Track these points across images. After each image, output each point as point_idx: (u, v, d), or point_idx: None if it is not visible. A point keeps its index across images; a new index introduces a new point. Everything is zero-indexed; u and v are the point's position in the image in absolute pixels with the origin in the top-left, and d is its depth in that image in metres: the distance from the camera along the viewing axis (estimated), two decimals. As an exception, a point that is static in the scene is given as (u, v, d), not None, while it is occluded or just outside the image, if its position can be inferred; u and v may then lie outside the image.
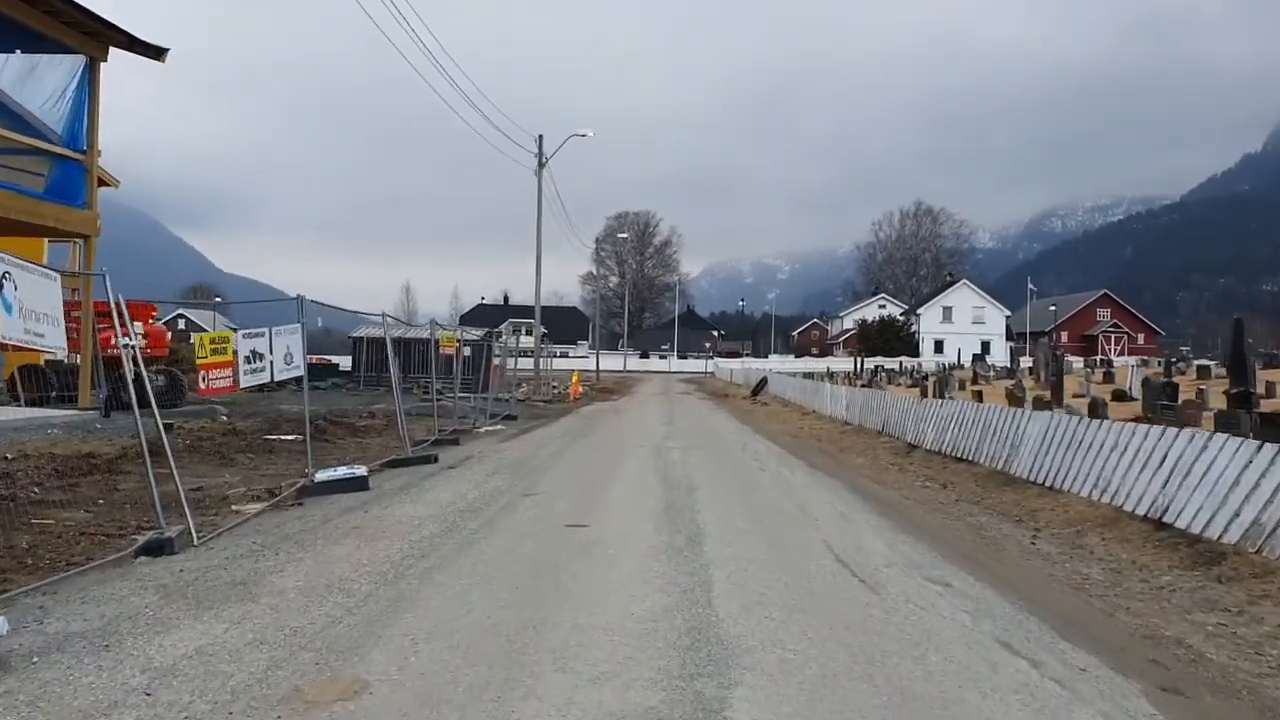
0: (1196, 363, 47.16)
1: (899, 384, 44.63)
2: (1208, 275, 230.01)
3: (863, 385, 37.08)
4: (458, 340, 30.15)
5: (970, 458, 13.58)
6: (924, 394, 30.06)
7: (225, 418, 20.93)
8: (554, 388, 39.65)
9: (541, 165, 32.74)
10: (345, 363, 38.76)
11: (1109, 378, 38.86)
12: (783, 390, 34.13)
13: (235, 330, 9.86)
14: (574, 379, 36.05)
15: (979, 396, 26.00)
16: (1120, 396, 28.20)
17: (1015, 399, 23.05)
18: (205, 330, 10.02)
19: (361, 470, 10.52)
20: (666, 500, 9.60)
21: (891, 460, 15.48)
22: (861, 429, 20.15)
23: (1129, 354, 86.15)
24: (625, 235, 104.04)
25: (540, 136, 32.95)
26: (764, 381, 38.39)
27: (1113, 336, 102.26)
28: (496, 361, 44.06)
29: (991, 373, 54.01)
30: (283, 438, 16.96)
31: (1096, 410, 19.19)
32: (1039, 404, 21.64)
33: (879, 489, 12.09)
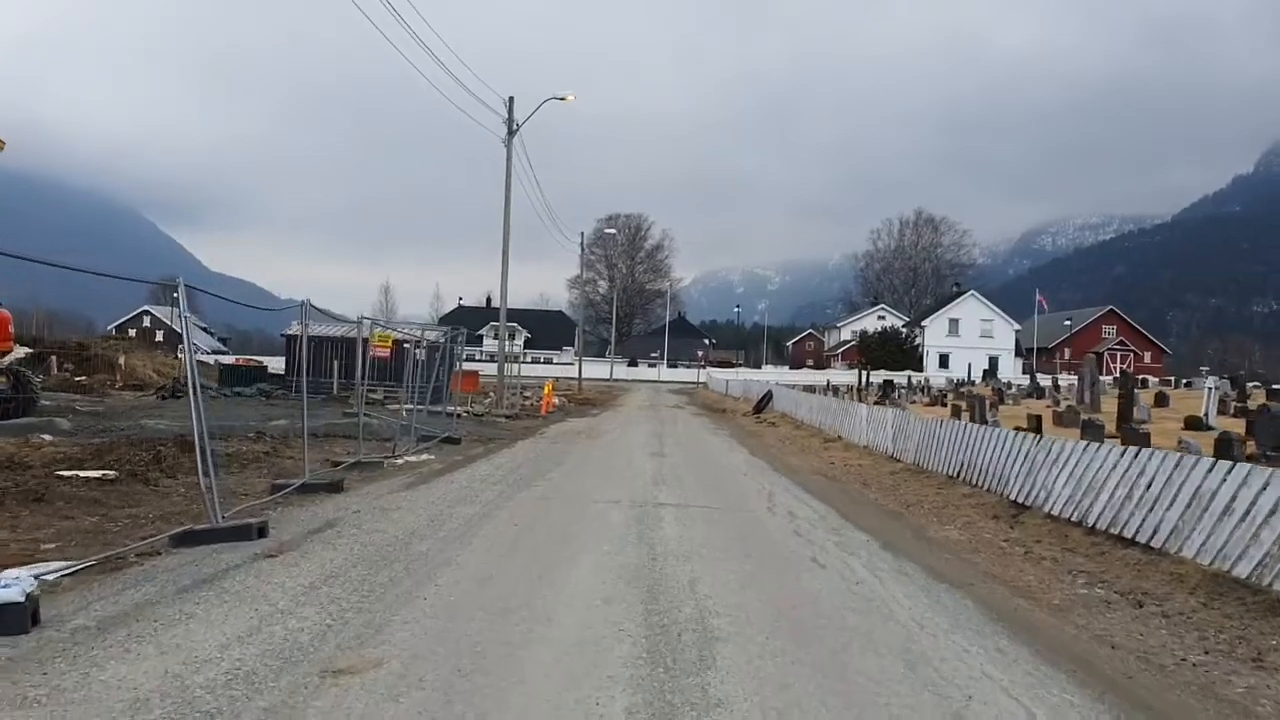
0: (1252, 385, 42.09)
1: (917, 402, 39.46)
2: (1199, 295, 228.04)
3: (875, 402, 31.94)
4: (409, 340, 24.73)
5: (1154, 544, 8.18)
6: (956, 415, 24.76)
7: (48, 437, 15.34)
8: (525, 399, 34.15)
9: (512, 133, 27.27)
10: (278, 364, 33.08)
11: (1162, 401, 33.48)
12: (793, 408, 28.71)
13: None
14: (546, 389, 30.54)
15: (1036, 423, 20.52)
16: (1194, 425, 23.05)
17: (1089, 428, 17.67)
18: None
19: (9, 591, 4.98)
20: (655, 705, 4.09)
21: (999, 532, 10.09)
22: (921, 470, 14.74)
23: (1136, 372, 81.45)
24: (613, 230, 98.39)
25: (510, 99, 27.46)
26: (769, 396, 32.99)
27: (1119, 354, 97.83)
28: (470, 366, 38.52)
29: (1014, 390, 48.76)
30: (87, 475, 11.45)
31: (1231, 449, 13.87)
32: (1131, 437, 16.29)
33: (1028, 610, 6.68)
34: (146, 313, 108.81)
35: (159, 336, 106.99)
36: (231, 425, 17.57)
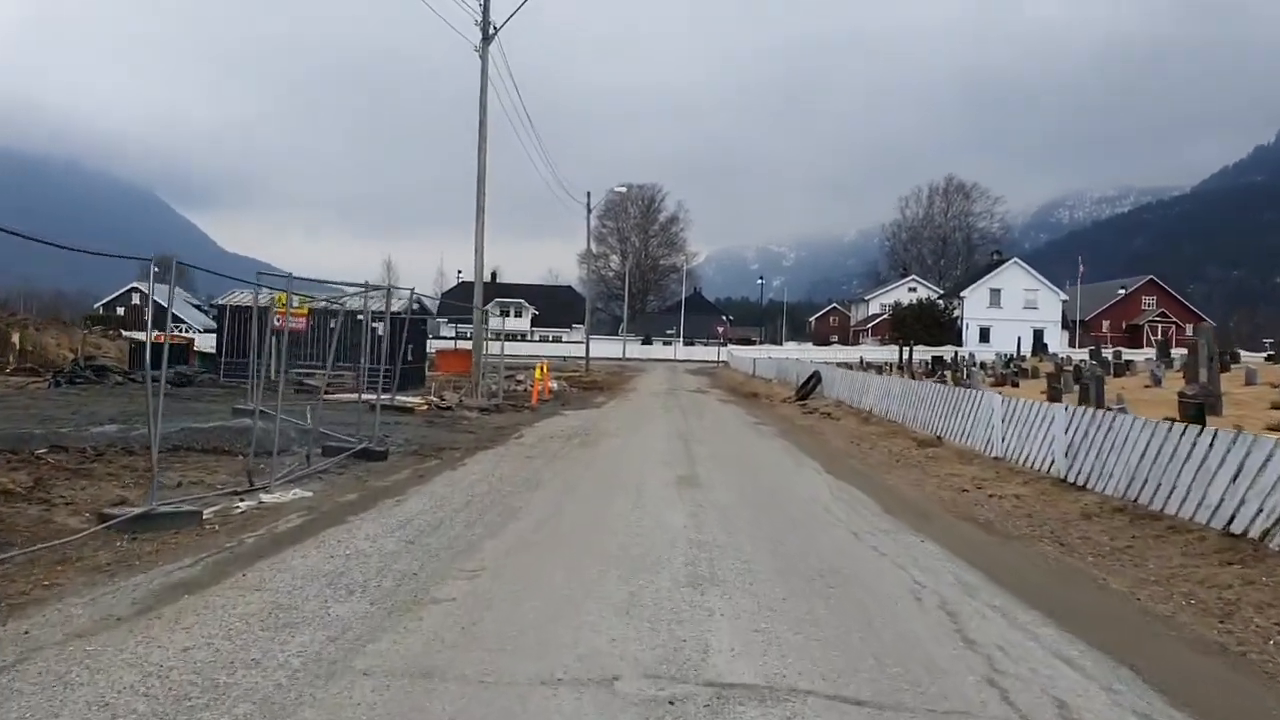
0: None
1: (986, 380, 33.16)
2: (1220, 267, 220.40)
3: (938, 381, 25.79)
4: (355, 310, 18.71)
5: None
6: (1054, 398, 18.50)
7: None
8: (518, 383, 28.04)
9: (488, 38, 20.96)
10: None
11: (1292, 379, 26.86)
12: (856, 394, 22.42)
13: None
14: (537, 373, 24.36)
15: (1199, 412, 13.99)
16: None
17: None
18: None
19: None
20: None
21: None
22: (1141, 512, 8.49)
23: (1177, 345, 75.03)
24: (623, 189, 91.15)
25: (486, -7, 21.14)
26: (816, 378, 26.72)
27: (1159, 326, 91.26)
28: (465, 345, 32.57)
29: (1077, 365, 42.20)
30: None
31: None
32: None
33: None
34: (135, 290, 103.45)
35: (148, 314, 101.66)
36: (35, 433, 11.44)
